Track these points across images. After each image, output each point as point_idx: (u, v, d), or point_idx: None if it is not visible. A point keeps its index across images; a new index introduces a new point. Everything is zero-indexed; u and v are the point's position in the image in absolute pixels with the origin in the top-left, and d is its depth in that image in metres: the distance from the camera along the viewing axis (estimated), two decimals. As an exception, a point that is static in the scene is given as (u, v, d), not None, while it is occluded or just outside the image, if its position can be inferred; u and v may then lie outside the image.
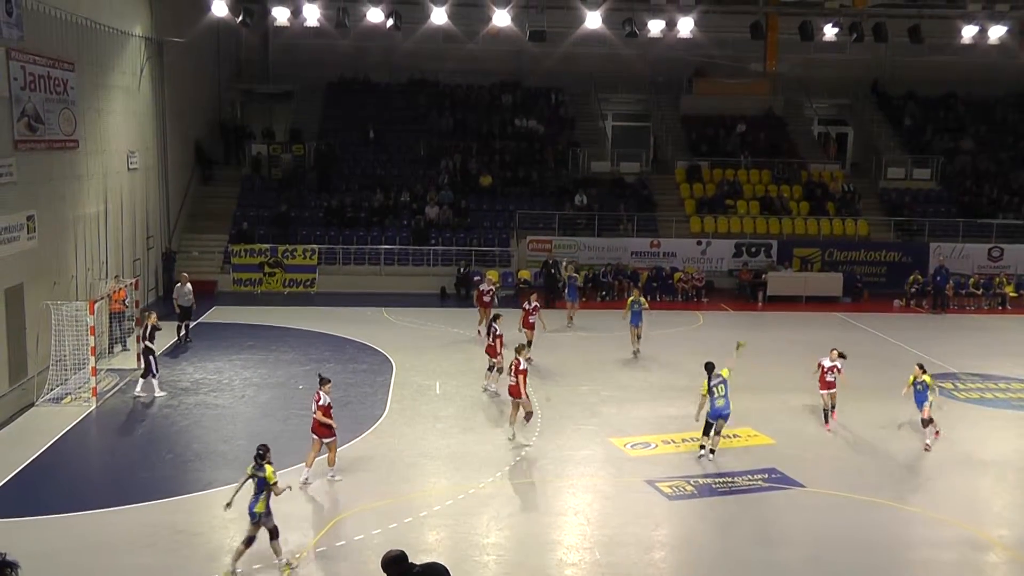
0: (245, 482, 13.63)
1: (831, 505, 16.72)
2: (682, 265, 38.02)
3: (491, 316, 24.49)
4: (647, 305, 27.84)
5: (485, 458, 18.68)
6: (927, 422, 19.66)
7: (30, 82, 22.96)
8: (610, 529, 15.56)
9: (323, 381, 17.44)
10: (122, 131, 30.51)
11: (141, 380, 22.67)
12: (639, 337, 27.44)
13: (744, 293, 37.25)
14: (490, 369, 23.48)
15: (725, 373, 18.91)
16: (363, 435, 19.76)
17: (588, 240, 38.71)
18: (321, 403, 17.19)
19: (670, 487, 17.26)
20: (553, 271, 35.59)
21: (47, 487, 17.21)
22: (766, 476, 17.91)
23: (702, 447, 18.93)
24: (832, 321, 33.30)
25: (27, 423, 20.69)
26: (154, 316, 23.48)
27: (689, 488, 17.26)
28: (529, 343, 25.10)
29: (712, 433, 18.77)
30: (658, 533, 15.52)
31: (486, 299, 28.99)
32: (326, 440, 17.22)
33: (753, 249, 38.90)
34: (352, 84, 46.04)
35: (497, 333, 23.37)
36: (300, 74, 45.40)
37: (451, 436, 20.08)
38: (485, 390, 23.40)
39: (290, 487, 14.28)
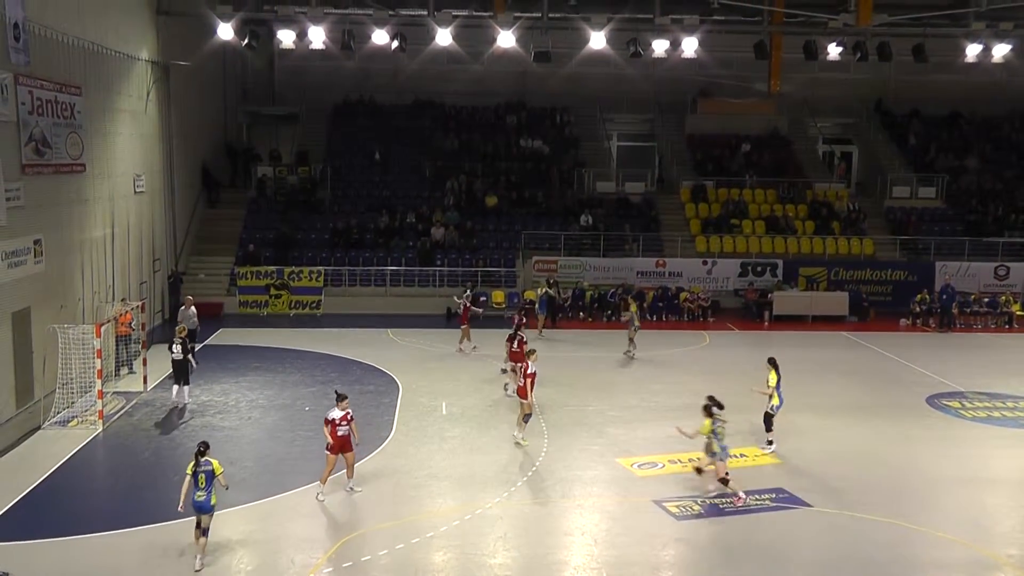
0: (189, 481, 14.62)
1: (839, 525, 16.65)
2: (688, 285, 37.99)
3: (515, 324, 25.69)
4: (637, 319, 29.78)
5: (492, 478, 18.65)
6: (725, 481, 17.46)
7: (37, 107, 23.09)
8: (617, 549, 15.51)
9: (338, 397, 17.80)
10: (129, 154, 30.65)
11: (186, 388, 23.90)
12: (631, 340, 29.35)
13: (750, 312, 37.21)
14: (513, 371, 24.54)
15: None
16: (370, 456, 19.73)
17: (594, 260, 38.72)
18: (327, 416, 17.56)
19: (677, 507, 17.21)
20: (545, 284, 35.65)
21: (54, 510, 17.19)
22: (773, 496, 17.85)
23: (770, 442, 20.42)
24: (838, 340, 33.27)
25: (34, 446, 20.70)
26: (185, 329, 24.99)
27: (696, 508, 17.22)
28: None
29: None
30: (665, 553, 15.47)
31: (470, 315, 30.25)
32: (329, 454, 17.51)
33: (759, 268, 38.89)
34: (357, 106, 46.24)
35: (524, 340, 24.63)
36: (306, 96, 45.63)
37: (457, 456, 20.06)
38: (506, 388, 24.85)
39: (226, 487, 15.25)
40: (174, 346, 23.72)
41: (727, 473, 17.47)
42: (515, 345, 24.56)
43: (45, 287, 23.45)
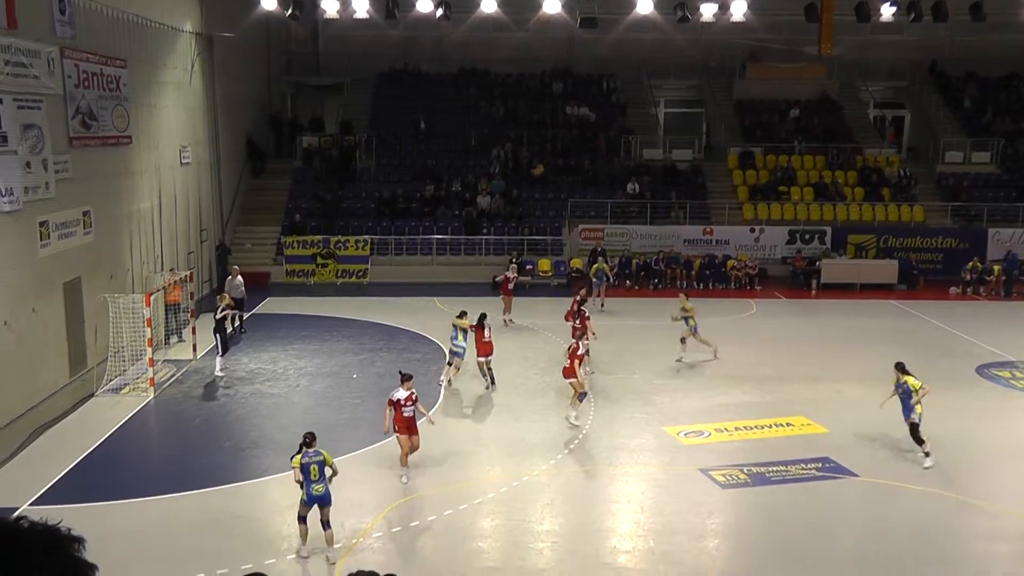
0: (299, 474, 13.56)
1: (885, 495, 16.48)
2: (735, 252, 37.67)
3: (578, 299, 24.98)
4: (693, 318, 25.07)
5: (539, 445, 18.68)
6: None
7: (84, 80, 23.29)
8: (663, 517, 15.49)
9: (403, 377, 17.04)
10: (174, 126, 30.87)
11: (218, 358, 23.96)
12: (684, 340, 25.30)
13: (797, 281, 36.82)
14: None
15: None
16: (418, 423, 19.80)
17: (640, 228, 38.50)
18: (392, 398, 16.84)
19: (723, 475, 17.14)
20: (601, 259, 35.42)
21: (108, 474, 17.51)
22: (819, 465, 17.70)
23: (927, 454, 17.68)
24: (887, 309, 32.83)
25: (88, 412, 21.08)
26: (228, 298, 25.01)
27: (742, 477, 17.13)
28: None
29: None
30: (711, 521, 15.43)
31: (510, 287, 29.47)
32: (398, 436, 16.86)
33: (807, 236, 38.45)
34: (402, 75, 46.13)
35: (586, 315, 24.07)
36: (350, 66, 45.57)
37: (504, 424, 20.12)
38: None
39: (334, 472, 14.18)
40: (216, 312, 24.27)
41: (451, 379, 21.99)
42: (577, 321, 23.98)
43: (95, 258, 23.76)
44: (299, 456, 13.63)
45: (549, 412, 20.87)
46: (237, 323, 27.94)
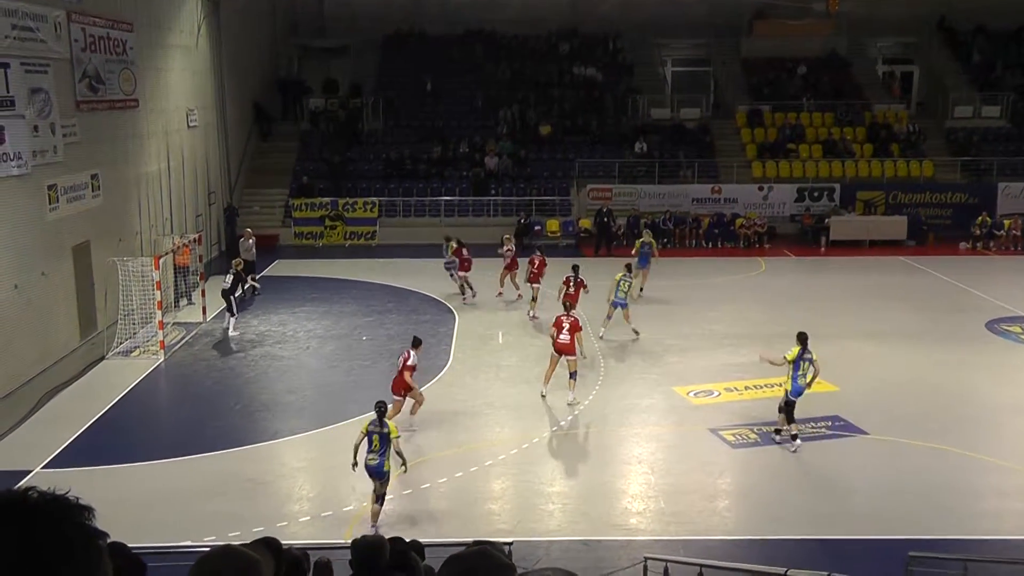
0: (363, 439, 13.40)
1: (895, 452, 16.51)
2: (744, 211, 37.51)
3: (573, 269, 23.66)
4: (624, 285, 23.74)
5: (548, 407, 18.75)
6: None
7: (90, 43, 23.15)
8: (674, 477, 15.56)
9: (415, 343, 17.25)
10: (181, 90, 30.73)
11: (231, 319, 24.39)
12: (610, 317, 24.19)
13: (806, 238, 36.72)
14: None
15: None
16: (427, 385, 19.85)
17: (648, 187, 38.32)
18: (409, 362, 16.91)
19: (733, 435, 17.19)
20: (607, 220, 35.35)
21: (120, 437, 17.64)
22: (830, 424, 17.73)
23: (778, 431, 16.82)
24: (896, 265, 32.74)
25: (99, 376, 21.20)
26: (242, 262, 25.58)
27: (752, 436, 17.18)
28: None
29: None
30: (722, 481, 15.50)
31: (507, 262, 27.85)
32: (395, 398, 16.88)
33: (816, 193, 38.25)
34: (408, 37, 45.73)
35: (583, 282, 23.08)
36: (356, 28, 45.20)
37: (514, 386, 20.15)
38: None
39: (403, 464, 13.98)
40: (227, 276, 24.50)
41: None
42: (571, 288, 22.87)
43: (104, 221, 23.74)
44: (368, 423, 13.45)
45: (559, 373, 20.85)
46: (248, 285, 28.00)
